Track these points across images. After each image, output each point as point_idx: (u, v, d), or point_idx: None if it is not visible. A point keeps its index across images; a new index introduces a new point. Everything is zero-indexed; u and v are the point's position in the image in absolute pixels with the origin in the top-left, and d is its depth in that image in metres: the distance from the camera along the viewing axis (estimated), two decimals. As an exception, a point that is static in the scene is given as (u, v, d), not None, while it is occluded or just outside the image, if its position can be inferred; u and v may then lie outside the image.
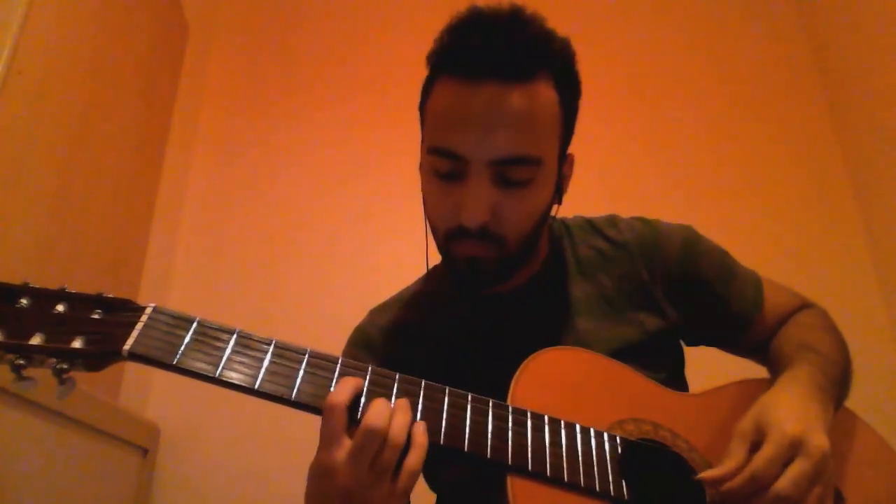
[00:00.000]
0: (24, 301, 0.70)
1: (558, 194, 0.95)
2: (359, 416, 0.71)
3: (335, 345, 1.06)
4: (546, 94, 0.84)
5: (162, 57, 2.15)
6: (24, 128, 1.37)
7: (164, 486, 1.82)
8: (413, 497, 1.00)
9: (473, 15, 0.84)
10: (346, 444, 0.69)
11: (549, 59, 0.85)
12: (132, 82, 1.91)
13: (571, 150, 0.96)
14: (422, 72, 0.92)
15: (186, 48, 2.34)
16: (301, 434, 1.28)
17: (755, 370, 1.02)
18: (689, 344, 1.06)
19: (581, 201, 1.26)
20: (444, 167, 0.86)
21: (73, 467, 1.44)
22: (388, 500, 0.70)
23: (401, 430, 0.70)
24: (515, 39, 0.81)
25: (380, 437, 0.69)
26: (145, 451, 1.78)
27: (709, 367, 1.10)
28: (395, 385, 0.76)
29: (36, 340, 0.68)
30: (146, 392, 1.91)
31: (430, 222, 0.93)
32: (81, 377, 0.71)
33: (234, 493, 1.83)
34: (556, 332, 0.96)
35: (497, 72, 0.81)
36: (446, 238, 0.89)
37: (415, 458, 0.71)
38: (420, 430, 0.72)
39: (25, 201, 1.38)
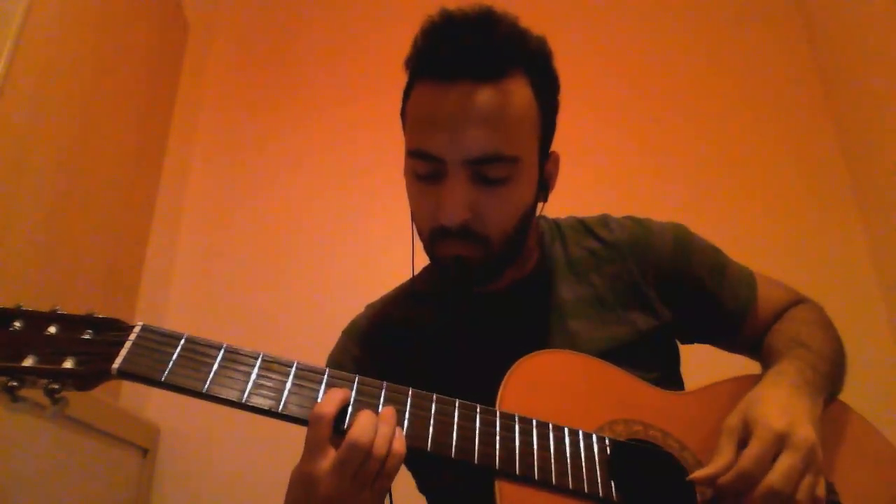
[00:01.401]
0: (17, 324, 0.72)
1: (543, 192, 0.95)
2: (345, 428, 0.72)
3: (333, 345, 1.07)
4: (520, 92, 0.85)
5: (162, 57, 2.15)
6: (24, 128, 1.38)
7: (164, 486, 1.83)
8: (410, 497, 1.01)
9: (445, 18, 0.85)
10: (331, 454, 0.70)
11: (521, 58, 0.85)
12: (132, 82, 1.92)
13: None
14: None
15: (186, 48, 2.35)
16: (300, 434, 1.29)
17: (751, 366, 1.02)
18: (683, 342, 1.06)
19: (580, 201, 1.26)
20: (423, 169, 0.86)
21: (73, 467, 1.45)
22: None
23: (384, 444, 0.70)
24: (486, 39, 0.82)
25: (364, 451, 0.69)
26: (145, 451, 1.79)
27: (705, 364, 1.10)
28: (382, 394, 0.77)
29: (28, 362, 0.70)
30: (146, 392, 1.92)
31: (415, 225, 0.94)
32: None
33: (233, 493, 1.84)
34: (547, 332, 0.96)
35: (468, 72, 0.82)
36: (431, 239, 0.89)
37: (392, 466, 0.71)
38: (399, 439, 0.73)
39: (25, 202, 1.38)
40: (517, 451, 0.76)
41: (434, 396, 0.78)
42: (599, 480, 0.77)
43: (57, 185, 1.51)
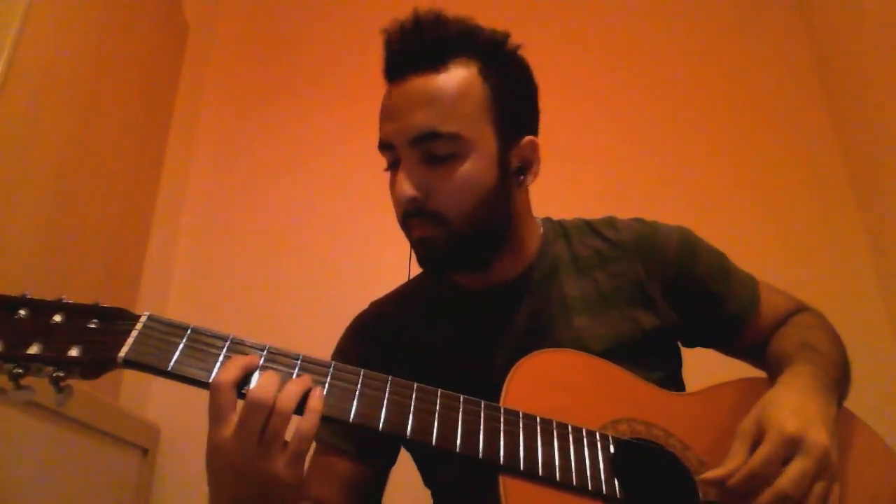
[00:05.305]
0: (22, 312, 0.72)
1: (517, 178, 0.94)
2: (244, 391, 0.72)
3: (335, 344, 1.07)
4: (462, 76, 0.89)
5: (162, 57, 2.15)
6: (24, 128, 1.38)
7: (164, 486, 1.83)
8: (412, 494, 1.01)
9: (394, 25, 0.92)
10: (233, 420, 0.70)
11: (464, 46, 0.90)
12: (132, 82, 1.92)
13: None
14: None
15: (186, 48, 2.34)
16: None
17: (752, 371, 1.02)
18: (685, 345, 1.07)
19: (580, 200, 1.26)
20: (386, 160, 0.94)
21: (73, 467, 1.45)
22: (283, 469, 0.70)
23: (289, 399, 0.70)
24: (424, 34, 0.89)
25: (265, 409, 0.69)
26: (145, 451, 1.79)
27: (706, 368, 1.10)
28: (388, 388, 0.77)
29: (33, 350, 0.69)
30: (146, 392, 1.91)
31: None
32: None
33: (233, 493, 1.83)
34: (552, 328, 0.96)
35: (414, 67, 0.89)
36: (403, 225, 0.93)
37: (308, 423, 0.71)
38: (315, 395, 0.72)
39: (25, 201, 1.38)
40: (521, 447, 0.76)
41: (439, 392, 0.78)
42: (603, 478, 0.77)
43: (57, 185, 1.51)
